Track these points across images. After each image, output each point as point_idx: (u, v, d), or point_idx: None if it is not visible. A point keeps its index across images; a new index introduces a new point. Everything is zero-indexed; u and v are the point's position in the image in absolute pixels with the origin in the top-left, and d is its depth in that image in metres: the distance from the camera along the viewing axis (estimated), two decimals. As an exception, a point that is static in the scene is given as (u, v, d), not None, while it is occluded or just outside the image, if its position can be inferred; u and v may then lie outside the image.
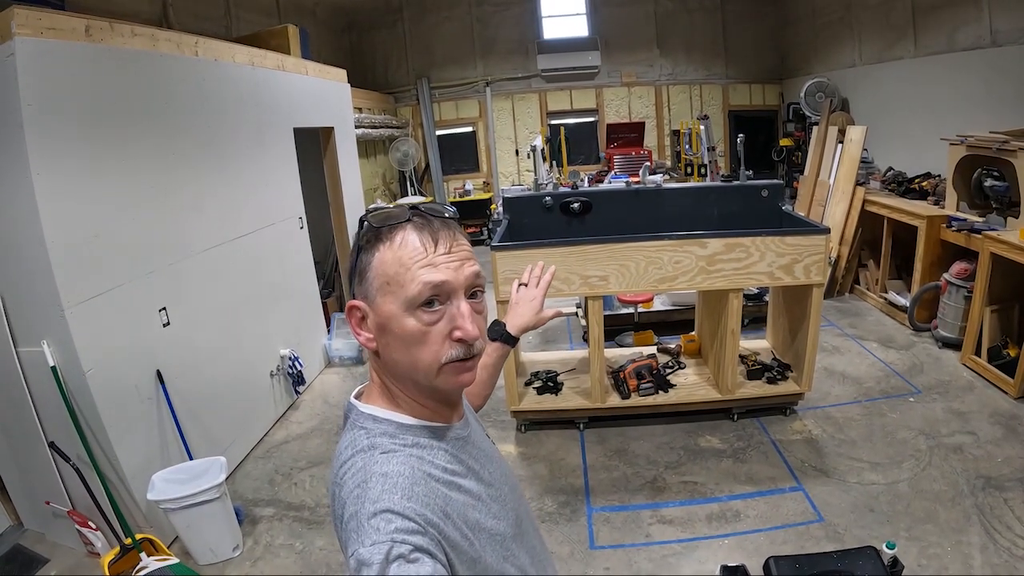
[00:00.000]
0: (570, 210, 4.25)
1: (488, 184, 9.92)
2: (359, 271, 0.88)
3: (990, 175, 4.37)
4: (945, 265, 4.68)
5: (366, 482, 0.81)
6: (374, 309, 0.87)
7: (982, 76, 5.13)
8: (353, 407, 0.94)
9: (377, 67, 9.60)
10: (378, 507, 0.77)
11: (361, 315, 0.89)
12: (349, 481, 0.83)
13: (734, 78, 9.55)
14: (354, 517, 0.78)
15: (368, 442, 0.87)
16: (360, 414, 0.92)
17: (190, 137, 3.51)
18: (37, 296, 2.64)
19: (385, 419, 0.90)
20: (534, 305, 1.40)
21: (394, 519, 0.75)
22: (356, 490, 0.81)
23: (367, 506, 0.77)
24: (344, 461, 0.87)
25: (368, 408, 0.92)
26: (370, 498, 0.78)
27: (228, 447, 3.67)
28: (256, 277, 4.18)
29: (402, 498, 0.78)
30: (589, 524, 3.13)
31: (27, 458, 3.02)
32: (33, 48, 2.48)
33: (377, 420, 0.90)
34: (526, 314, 1.39)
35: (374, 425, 0.89)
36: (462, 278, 0.86)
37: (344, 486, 0.83)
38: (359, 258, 0.88)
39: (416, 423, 0.91)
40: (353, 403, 0.95)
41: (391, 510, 0.76)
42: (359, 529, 0.76)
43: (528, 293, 1.42)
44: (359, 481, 0.81)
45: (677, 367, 4.22)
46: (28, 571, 2.97)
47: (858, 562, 2.10)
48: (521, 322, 1.38)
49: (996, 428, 3.58)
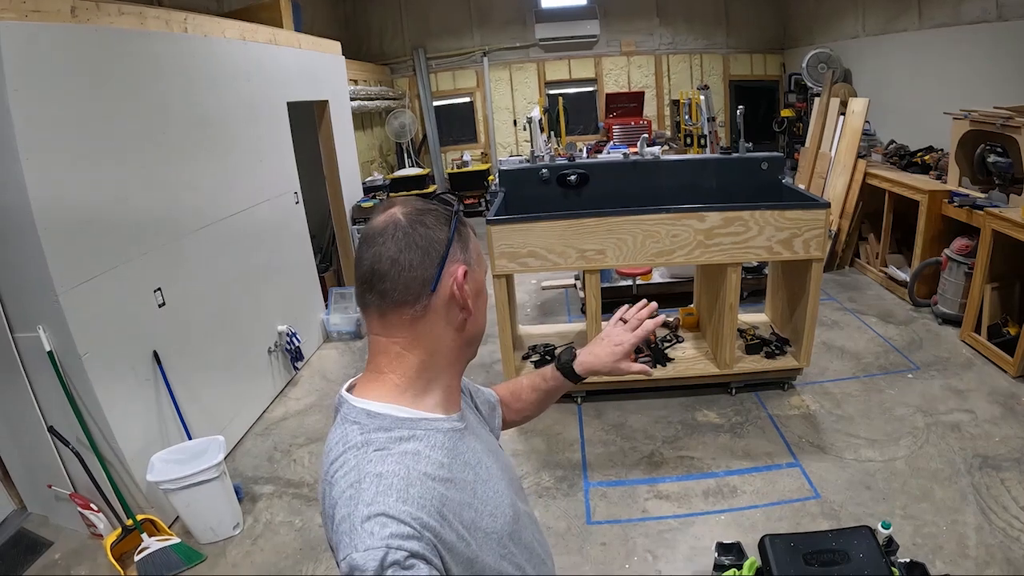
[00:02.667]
0: (567, 182, 4.21)
1: (486, 155, 9.83)
2: (463, 240, 0.94)
3: (993, 151, 4.31)
4: (946, 240, 4.65)
5: (359, 482, 0.79)
6: (474, 277, 0.95)
7: (987, 50, 5.04)
8: (345, 401, 0.92)
9: (373, 38, 9.43)
10: (372, 510, 0.75)
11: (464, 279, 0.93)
12: (341, 480, 0.81)
13: (735, 48, 9.39)
14: (346, 519, 0.76)
15: (362, 438, 0.85)
16: (353, 408, 0.89)
17: (181, 115, 3.45)
18: (31, 282, 2.62)
19: (380, 413, 0.88)
20: (618, 351, 1.23)
21: (389, 523, 0.74)
22: (349, 490, 0.79)
23: (361, 508, 0.75)
24: (335, 458, 0.85)
25: (362, 402, 0.90)
26: (364, 500, 0.76)
27: (227, 425, 3.69)
28: (252, 254, 4.15)
29: (397, 501, 0.76)
30: (586, 499, 3.16)
31: (28, 443, 3.02)
32: (18, 31, 2.42)
33: (372, 415, 0.88)
34: (603, 357, 1.24)
35: (368, 420, 0.87)
36: None
37: (336, 485, 0.81)
38: (461, 229, 0.94)
39: (415, 415, 0.89)
40: (345, 397, 0.93)
41: (386, 514, 0.74)
42: (352, 532, 0.74)
43: (618, 335, 1.26)
44: (352, 481, 0.79)
45: (675, 341, 4.23)
46: (32, 554, 3.00)
47: (853, 541, 2.12)
48: (594, 363, 1.24)
49: (994, 407, 3.58)
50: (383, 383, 0.91)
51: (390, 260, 0.87)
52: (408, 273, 0.87)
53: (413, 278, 0.88)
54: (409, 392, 0.91)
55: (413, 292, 0.88)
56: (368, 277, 0.88)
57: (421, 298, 0.89)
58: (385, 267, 0.87)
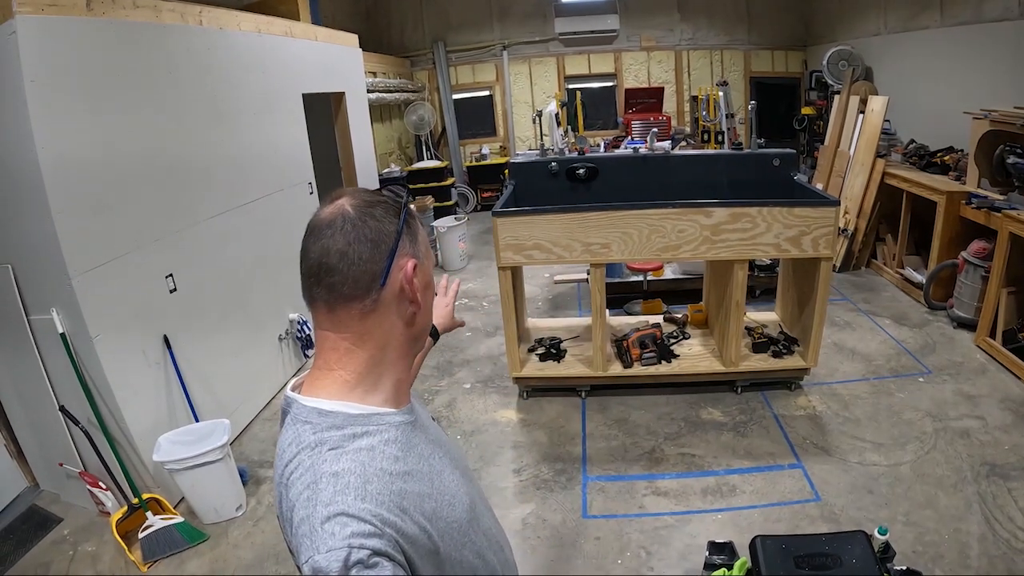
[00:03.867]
0: (576, 176, 4.20)
1: (505, 148, 9.82)
2: (412, 232, 0.93)
3: (1013, 152, 4.22)
4: (964, 243, 4.56)
5: (316, 483, 0.78)
6: (422, 268, 0.94)
7: (1009, 48, 4.91)
8: (294, 401, 0.90)
9: (393, 30, 9.46)
10: (331, 510, 0.74)
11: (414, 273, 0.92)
12: (298, 482, 0.80)
13: (756, 44, 9.26)
14: (306, 521, 0.75)
15: (315, 438, 0.83)
16: (303, 408, 0.88)
17: (196, 107, 3.51)
18: (45, 266, 2.70)
19: (332, 411, 0.87)
20: (448, 311, 1.55)
21: (349, 523, 0.73)
22: (306, 492, 0.78)
23: (319, 509, 0.75)
24: (289, 460, 0.84)
25: (312, 401, 0.88)
26: (322, 501, 0.76)
27: (235, 410, 3.76)
28: (264, 242, 4.21)
29: (356, 499, 0.75)
30: (583, 493, 3.16)
31: (41, 422, 3.12)
32: (35, 25, 2.49)
33: (323, 413, 0.86)
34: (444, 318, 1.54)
35: (320, 419, 0.86)
36: None
37: (292, 487, 0.80)
38: (410, 221, 0.93)
39: (366, 411, 0.88)
40: (293, 397, 0.91)
41: (345, 513, 0.74)
42: (312, 534, 0.74)
43: (441, 301, 1.55)
44: (308, 482, 0.79)
45: (682, 337, 4.21)
46: (43, 530, 3.09)
47: (847, 546, 2.08)
48: (443, 323, 1.53)
49: (1006, 414, 3.51)
50: (332, 380, 0.90)
51: (339, 253, 0.84)
52: (358, 267, 0.85)
53: (363, 272, 0.86)
54: (359, 388, 0.90)
55: (363, 286, 0.86)
56: (315, 271, 0.86)
57: (371, 292, 0.87)
58: (334, 260, 0.84)
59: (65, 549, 2.97)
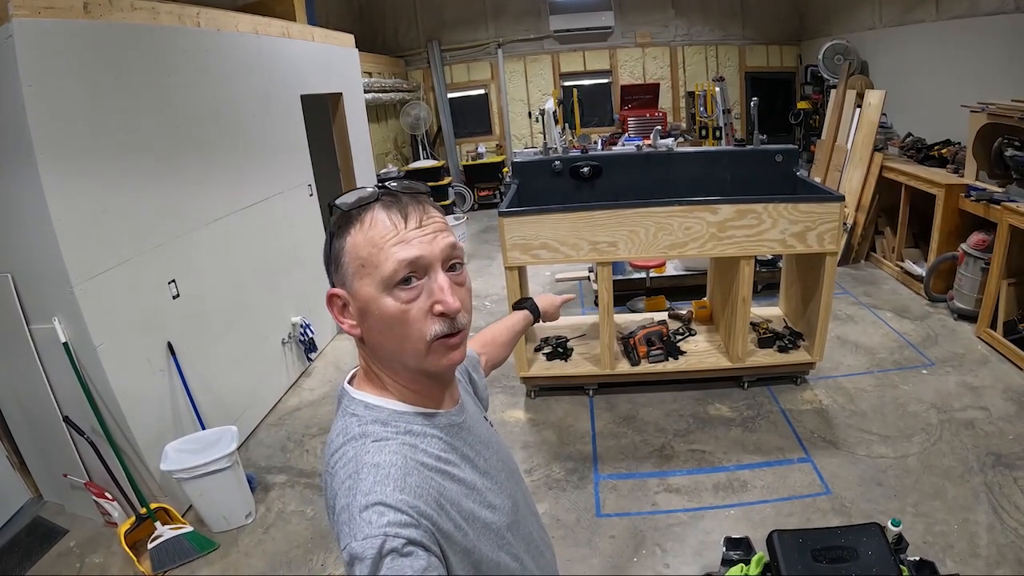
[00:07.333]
0: (580, 174, 4.19)
1: (501, 147, 9.80)
2: (334, 258, 0.86)
3: (1011, 145, 4.23)
4: (963, 235, 4.58)
5: (357, 473, 0.79)
6: (353, 295, 0.85)
7: (1005, 42, 4.93)
8: (345, 393, 0.92)
9: (387, 30, 9.42)
10: (370, 499, 0.75)
11: (342, 303, 0.87)
12: (341, 471, 0.82)
13: (751, 39, 9.27)
14: (346, 509, 0.77)
15: (360, 430, 0.85)
16: (352, 400, 0.90)
17: (195, 109, 3.48)
18: (46, 274, 2.66)
19: (377, 405, 0.88)
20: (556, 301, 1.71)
21: (387, 512, 0.74)
22: (348, 481, 0.80)
23: (359, 498, 0.76)
24: (336, 450, 0.86)
25: (360, 394, 0.90)
26: (362, 490, 0.77)
27: (240, 416, 3.73)
28: (266, 246, 4.18)
29: (394, 490, 0.77)
30: (596, 492, 3.16)
31: (44, 432, 3.08)
32: (31, 28, 2.45)
33: (369, 407, 0.88)
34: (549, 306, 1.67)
35: (366, 412, 0.88)
36: (437, 251, 0.84)
37: (336, 476, 0.82)
38: (332, 245, 0.86)
39: (409, 409, 0.89)
40: (346, 388, 0.93)
41: (383, 503, 0.75)
42: (351, 522, 0.75)
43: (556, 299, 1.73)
44: (350, 472, 0.80)
45: (688, 334, 4.21)
46: (48, 543, 3.05)
47: (862, 539, 2.09)
48: (546, 305, 1.65)
49: (1009, 404, 3.53)
50: (368, 378, 0.93)
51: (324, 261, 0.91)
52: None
53: None
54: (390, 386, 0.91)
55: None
56: None
57: None
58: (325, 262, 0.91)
59: (72, 561, 2.94)
